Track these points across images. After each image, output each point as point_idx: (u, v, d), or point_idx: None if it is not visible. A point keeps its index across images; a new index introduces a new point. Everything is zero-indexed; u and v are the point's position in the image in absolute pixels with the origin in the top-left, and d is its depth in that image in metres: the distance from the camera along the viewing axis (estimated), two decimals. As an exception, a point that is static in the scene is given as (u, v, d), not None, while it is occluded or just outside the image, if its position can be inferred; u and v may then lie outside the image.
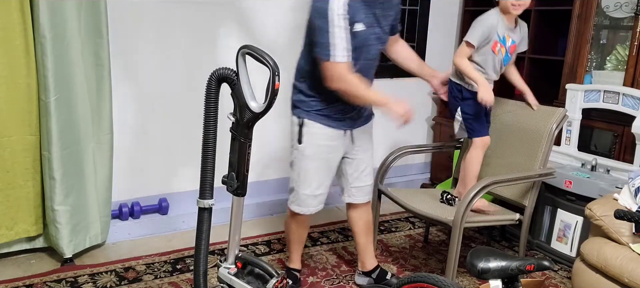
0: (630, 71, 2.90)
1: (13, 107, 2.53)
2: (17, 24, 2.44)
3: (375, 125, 2.55)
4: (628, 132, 2.87)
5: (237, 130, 1.58)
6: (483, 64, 2.50)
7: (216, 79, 1.52)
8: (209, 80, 1.54)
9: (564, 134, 3.10)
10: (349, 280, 2.72)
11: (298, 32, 3.51)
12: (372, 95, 2.15)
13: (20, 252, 2.78)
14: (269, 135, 3.55)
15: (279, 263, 2.86)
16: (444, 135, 4.03)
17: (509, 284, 1.61)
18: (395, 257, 3.01)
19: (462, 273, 2.74)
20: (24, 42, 2.47)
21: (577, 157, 3.04)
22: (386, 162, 2.77)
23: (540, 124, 2.62)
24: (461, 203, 2.33)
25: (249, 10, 3.30)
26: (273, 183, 3.64)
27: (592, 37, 3.10)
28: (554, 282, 2.76)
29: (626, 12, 2.96)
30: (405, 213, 3.54)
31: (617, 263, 2.10)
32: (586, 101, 3.01)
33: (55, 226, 2.66)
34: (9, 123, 2.53)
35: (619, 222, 2.16)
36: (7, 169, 2.57)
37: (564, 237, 2.92)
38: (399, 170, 3.93)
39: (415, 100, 4.13)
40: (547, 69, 3.56)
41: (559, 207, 2.94)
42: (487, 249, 1.69)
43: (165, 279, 2.64)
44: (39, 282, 2.55)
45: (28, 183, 2.64)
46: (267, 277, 1.55)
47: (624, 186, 2.40)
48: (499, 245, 3.19)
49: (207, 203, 1.62)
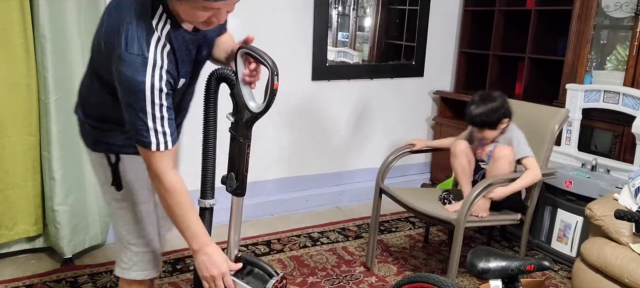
0: (630, 71, 2.90)
1: (13, 107, 2.53)
2: (17, 23, 2.44)
3: (375, 125, 2.54)
4: (628, 132, 2.87)
5: (236, 130, 1.57)
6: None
7: (215, 79, 1.52)
8: (208, 80, 1.54)
9: (564, 134, 3.10)
10: (349, 280, 2.72)
11: (299, 32, 3.53)
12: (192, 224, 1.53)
13: (20, 252, 2.77)
14: (269, 136, 3.55)
15: (279, 263, 2.86)
16: (444, 135, 4.02)
17: (509, 284, 1.61)
18: (395, 257, 3.01)
19: (462, 273, 2.74)
20: (24, 42, 2.47)
21: (577, 157, 3.04)
22: (386, 162, 2.77)
23: (542, 124, 2.62)
24: (464, 202, 2.33)
25: (250, 9, 3.30)
26: (273, 183, 3.64)
27: (592, 37, 3.09)
28: (554, 282, 2.76)
29: (626, 12, 2.95)
30: (406, 213, 3.54)
31: (617, 263, 2.10)
32: (586, 101, 3.01)
33: (55, 226, 2.65)
34: (8, 123, 2.53)
35: (619, 222, 2.16)
36: (7, 169, 2.57)
37: (564, 237, 2.92)
38: (399, 170, 3.93)
39: (415, 100, 4.14)
40: (547, 69, 3.56)
41: (559, 207, 2.94)
42: (487, 249, 1.69)
43: (165, 279, 2.63)
44: (39, 282, 2.54)
45: (28, 184, 2.64)
46: (266, 277, 1.56)
47: (624, 186, 2.40)
48: (499, 245, 3.19)
49: (208, 203, 1.63)
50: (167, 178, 1.46)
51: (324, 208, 3.70)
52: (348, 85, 3.79)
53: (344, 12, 3.80)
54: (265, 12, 3.35)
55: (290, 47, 3.50)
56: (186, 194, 1.50)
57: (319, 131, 3.76)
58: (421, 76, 4.09)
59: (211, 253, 1.54)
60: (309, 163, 3.76)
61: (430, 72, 4.11)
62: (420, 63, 4.06)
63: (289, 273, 2.77)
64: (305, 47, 3.55)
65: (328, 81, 3.70)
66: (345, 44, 3.84)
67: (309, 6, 3.49)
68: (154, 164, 1.44)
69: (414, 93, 4.13)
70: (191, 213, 1.51)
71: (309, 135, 3.72)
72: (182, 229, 1.52)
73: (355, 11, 3.85)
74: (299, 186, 3.72)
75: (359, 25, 3.89)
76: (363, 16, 3.90)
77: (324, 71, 3.65)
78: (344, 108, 3.82)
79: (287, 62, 3.53)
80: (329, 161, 3.85)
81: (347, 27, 3.83)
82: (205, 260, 1.54)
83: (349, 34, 3.85)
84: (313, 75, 3.62)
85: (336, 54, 3.76)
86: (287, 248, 3.05)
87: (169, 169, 1.46)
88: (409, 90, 4.08)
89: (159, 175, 1.45)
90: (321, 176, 3.80)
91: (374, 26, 3.91)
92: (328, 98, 3.73)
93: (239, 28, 3.31)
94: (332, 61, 3.70)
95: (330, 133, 3.81)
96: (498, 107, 2.42)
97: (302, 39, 3.53)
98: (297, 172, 3.70)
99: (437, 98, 4.19)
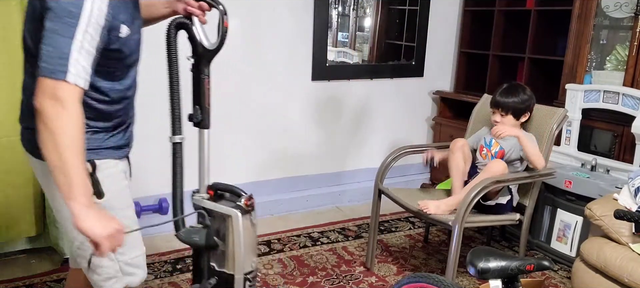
0: (630, 71, 2.90)
1: (13, 107, 2.52)
2: (17, 23, 2.44)
3: (375, 125, 2.55)
4: (628, 132, 2.87)
5: (197, 68, 1.75)
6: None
7: (174, 27, 1.68)
8: (167, 30, 1.68)
9: (564, 134, 3.10)
10: (349, 280, 2.72)
11: (299, 32, 3.53)
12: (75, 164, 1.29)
13: (20, 252, 2.78)
14: (269, 136, 3.56)
15: (279, 263, 2.87)
16: (444, 135, 4.03)
17: (509, 284, 1.61)
18: (395, 257, 3.01)
19: (462, 273, 2.74)
20: (24, 42, 2.47)
21: (577, 157, 3.04)
22: (386, 162, 2.77)
23: (541, 124, 2.62)
24: (462, 203, 2.34)
25: (250, 9, 3.31)
26: (273, 183, 3.65)
27: (592, 37, 3.10)
28: (553, 282, 2.76)
29: (626, 12, 2.96)
30: (405, 213, 3.54)
31: (617, 263, 2.11)
32: (586, 101, 3.01)
33: (55, 226, 2.65)
34: (9, 123, 2.53)
35: (619, 222, 2.16)
36: (7, 169, 2.57)
37: (563, 237, 2.92)
38: (399, 170, 3.93)
39: (415, 100, 4.14)
40: (547, 69, 3.56)
41: (559, 207, 2.94)
42: (487, 249, 1.69)
43: (165, 279, 2.64)
44: (39, 282, 2.55)
45: (28, 184, 2.64)
46: (237, 198, 1.71)
47: (624, 186, 2.40)
48: (499, 245, 3.19)
49: (179, 138, 1.78)
50: (74, 108, 1.29)
51: (324, 208, 3.70)
52: (348, 85, 3.79)
53: (344, 12, 3.80)
54: (265, 12, 3.35)
55: (290, 47, 3.51)
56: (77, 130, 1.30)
57: (319, 131, 3.76)
58: (421, 76, 4.10)
59: (102, 211, 1.36)
60: (309, 163, 3.76)
61: (430, 72, 4.11)
62: (420, 63, 4.06)
63: (289, 273, 2.77)
64: (305, 47, 3.55)
65: (328, 81, 3.70)
66: (345, 44, 3.84)
67: (309, 6, 3.49)
68: (60, 91, 1.27)
69: (414, 93, 4.13)
70: (82, 158, 1.32)
71: (309, 135, 3.72)
72: (68, 174, 1.28)
73: (355, 11, 3.85)
74: (299, 186, 3.73)
75: (359, 25, 3.89)
76: (363, 16, 3.91)
77: (324, 71, 3.65)
78: (344, 108, 3.82)
79: (287, 62, 3.55)
80: (329, 161, 3.85)
81: (347, 27, 3.83)
82: (99, 214, 1.33)
83: (349, 34, 3.86)
84: (313, 75, 3.62)
85: (336, 54, 3.76)
86: (287, 248, 3.05)
87: (77, 103, 1.30)
88: (409, 90, 4.08)
89: (61, 102, 1.27)
90: (321, 176, 3.80)
91: (374, 26, 3.92)
92: (328, 98, 3.73)
93: (239, 28, 3.33)
94: (332, 61, 3.70)
95: (330, 133, 3.81)
96: (528, 99, 2.56)
97: (302, 39, 3.53)
98: (297, 172, 3.71)
99: (437, 98, 4.19)
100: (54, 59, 1.28)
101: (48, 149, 1.29)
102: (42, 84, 1.28)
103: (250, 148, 3.50)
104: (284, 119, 3.59)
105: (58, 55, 1.28)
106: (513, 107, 2.55)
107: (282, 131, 3.62)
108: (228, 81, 3.30)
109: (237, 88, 3.36)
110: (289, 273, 2.77)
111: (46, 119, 1.28)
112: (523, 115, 2.58)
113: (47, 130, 1.28)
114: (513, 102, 2.55)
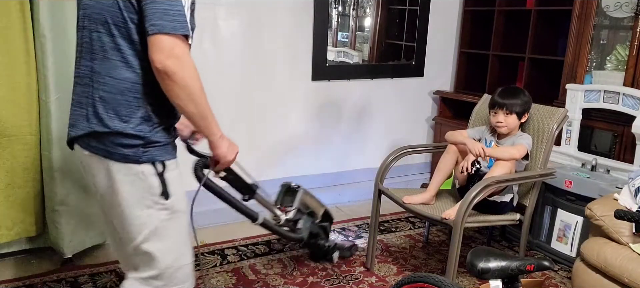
0: (630, 71, 2.90)
1: (13, 106, 2.52)
2: (17, 23, 2.44)
3: (375, 125, 2.55)
4: (628, 132, 2.87)
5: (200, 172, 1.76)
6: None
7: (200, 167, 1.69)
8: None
9: (564, 134, 3.10)
10: (349, 281, 2.72)
11: (299, 32, 3.53)
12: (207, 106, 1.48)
13: (20, 252, 2.77)
14: (269, 136, 3.56)
15: (279, 263, 2.86)
16: (444, 135, 4.02)
17: (509, 284, 1.61)
18: (395, 257, 3.01)
19: (462, 273, 2.74)
20: (24, 42, 2.47)
21: (577, 157, 3.04)
22: (386, 162, 2.77)
23: (541, 124, 2.62)
24: (462, 203, 2.33)
25: (250, 9, 3.31)
26: (273, 183, 3.63)
27: (592, 37, 3.10)
28: (554, 282, 2.76)
29: (626, 12, 2.96)
30: (405, 213, 3.54)
31: (617, 263, 2.10)
32: (586, 101, 3.01)
33: (55, 226, 2.65)
34: (9, 123, 2.53)
35: (619, 222, 2.16)
36: (7, 169, 2.57)
37: (564, 237, 2.92)
38: (399, 170, 3.93)
39: (415, 100, 4.14)
40: (547, 69, 3.56)
41: (559, 207, 2.94)
42: (487, 249, 1.69)
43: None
44: (39, 282, 2.54)
45: (28, 184, 2.64)
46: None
47: (624, 186, 2.40)
48: (499, 245, 3.19)
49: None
50: (191, 63, 1.41)
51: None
52: (348, 85, 3.79)
53: (344, 12, 3.81)
54: (265, 12, 3.35)
55: (290, 47, 3.51)
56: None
57: (319, 131, 3.76)
58: (421, 76, 4.10)
59: (228, 138, 1.60)
60: (309, 163, 3.76)
61: (430, 72, 4.11)
62: (420, 63, 4.07)
63: (289, 273, 2.77)
64: (305, 47, 3.55)
65: (328, 81, 3.70)
66: (345, 44, 3.84)
67: (309, 6, 3.49)
68: (177, 48, 1.37)
69: (414, 93, 4.13)
70: (207, 101, 1.48)
71: (309, 135, 3.72)
72: (206, 117, 1.49)
73: (355, 11, 3.85)
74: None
75: (359, 25, 3.89)
76: (363, 16, 3.91)
77: (324, 71, 3.65)
78: (344, 108, 3.82)
79: (287, 62, 3.55)
80: (329, 161, 3.85)
81: (347, 27, 3.83)
82: (228, 142, 1.60)
83: (349, 34, 3.86)
84: (313, 75, 3.62)
85: (336, 54, 3.77)
86: (287, 248, 3.05)
87: (190, 55, 1.42)
88: (409, 90, 4.09)
89: (180, 59, 1.37)
90: (321, 176, 3.80)
91: (374, 26, 3.92)
92: (328, 98, 3.73)
93: (238, 28, 3.33)
94: (332, 61, 3.70)
95: (330, 133, 3.81)
96: (528, 100, 2.62)
97: (302, 39, 3.53)
98: (297, 171, 3.70)
99: (437, 98, 4.19)
100: (169, 16, 1.36)
101: (183, 101, 1.42)
102: (159, 42, 1.36)
103: (250, 148, 3.50)
104: (284, 118, 3.59)
105: (175, 10, 1.36)
106: (517, 106, 2.59)
107: (282, 131, 3.62)
108: (228, 81, 3.31)
109: (237, 88, 3.36)
110: (289, 273, 2.77)
111: (174, 76, 1.38)
112: (523, 116, 2.61)
113: (177, 85, 1.39)
114: (516, 102, 2.59)
